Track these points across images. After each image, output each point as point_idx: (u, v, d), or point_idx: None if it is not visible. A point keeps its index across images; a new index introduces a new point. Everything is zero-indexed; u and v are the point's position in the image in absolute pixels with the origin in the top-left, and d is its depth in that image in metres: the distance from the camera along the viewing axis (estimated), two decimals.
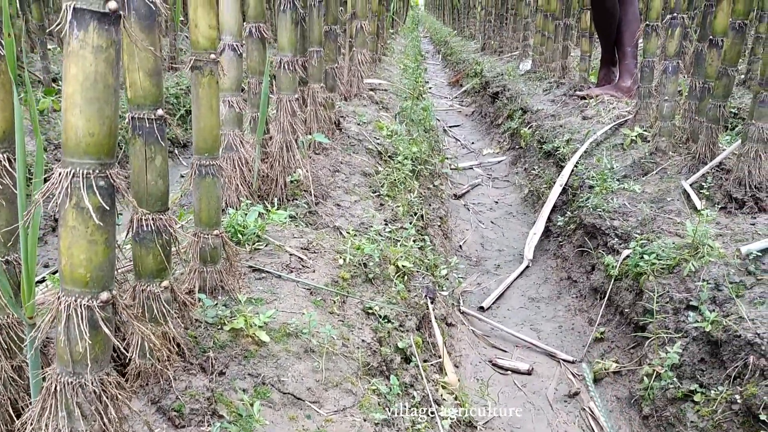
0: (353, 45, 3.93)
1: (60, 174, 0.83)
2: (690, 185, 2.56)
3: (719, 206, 2.41)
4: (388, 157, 3.10)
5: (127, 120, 1.13)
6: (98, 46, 0.81)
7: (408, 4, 13.02)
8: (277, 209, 2.10)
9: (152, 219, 1.15)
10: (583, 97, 4.27)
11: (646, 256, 2.11)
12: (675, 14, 2.86)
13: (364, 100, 3.93)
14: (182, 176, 3.76)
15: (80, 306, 0.85)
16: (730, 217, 2.34)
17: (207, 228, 1.47)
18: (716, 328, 1.74)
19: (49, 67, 4.43)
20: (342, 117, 3.37)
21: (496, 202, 3.75)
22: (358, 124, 3.40)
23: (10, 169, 1.01)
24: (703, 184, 2.51)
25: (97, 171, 0.84)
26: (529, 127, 4.31)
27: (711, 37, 2.73)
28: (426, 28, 17.02)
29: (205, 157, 1.45)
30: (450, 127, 5.76)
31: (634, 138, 3.07)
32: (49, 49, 5.00)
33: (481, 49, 8.63)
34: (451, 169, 4.27)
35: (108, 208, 0.85)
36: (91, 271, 0.86)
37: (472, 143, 5.22)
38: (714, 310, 1.81)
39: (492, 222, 3.44)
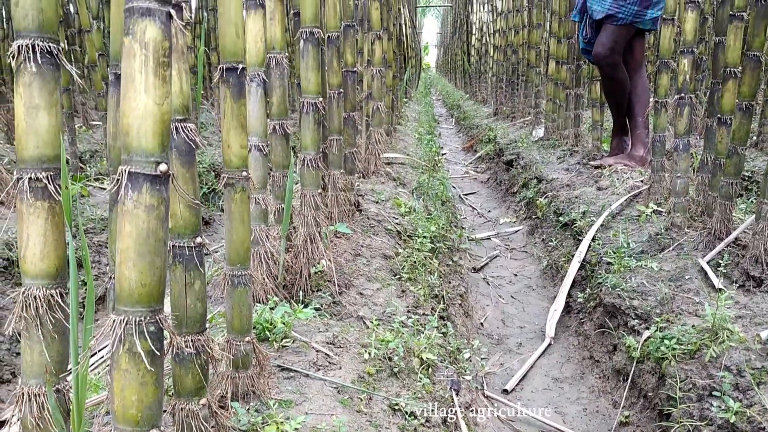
0: (370, 124, 4.06)
1: (114, 321, 0.90)
2: (707, 262, 2.59)
3: (737, 284, 2.44)
4: (407, 236, 3.17)
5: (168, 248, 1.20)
6: (150, 205, 0.89)
7: (420, 70, 13.34)
8: (302, 302, 2.16)
9: (191, 341, 1.21)
10: (597, 167, 4.35)
11: (666, 341, 2.13)
12: (683, 94, 2.94)
13: (382, 177, 4.03)
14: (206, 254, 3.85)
15: None
16: (748, 295, 2.37)
17: (239, 335, 1.53)
18: (740, 419, 1.75)
19: (77, 151, 4.59)
20: (361, 196, 3.46)
21: (515, 275, 3.79)
22: (377, 203, 3.49)
23: (63, 305, 1.08)
24: (720, 261, 2.54)
25: (148, 317, 0.91)
26: (545, 197, 4.38)
27: (719, 115, 2.81)
28: (438, 90, 17.37)
29: (237, 268, 1.52)
30: (466, 194, 5.85)
31: (649, 214, 3.12)
32: (76, 127, 5.20)
33: (493, 114, 8.80)
34: (469, 240, 4.32)
35: (158, 353, 0.91)
36: (142, 411, 0.91)
37: (489, 211, 5.29)
38: (738, 398, 1.83)
39: (512, 296, 3.47)
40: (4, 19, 6.47)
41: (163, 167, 0.90)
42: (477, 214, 5.23)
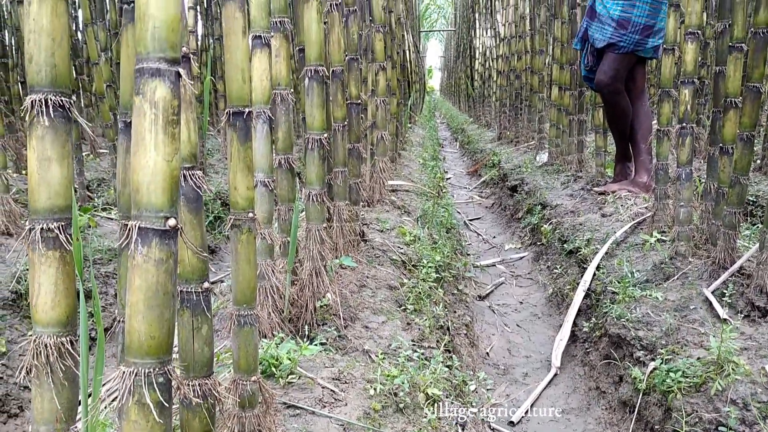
0: (374, 153, 4.10)
1: (124, 373, 0.92)
2: (712, 292, 2.59)
3: (742, 315, 2.44)
4: (412, 266, 3.18)
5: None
6: (159, 259, 0.92)
7: (424, 94, 13.45)
8: (308, 336, 2.18)
9: (198, 385, 1.23)
10: (601, 193, 4.37)
11: (672, 374, 2.13)
12: (685, 124, 2.96)
13: (387, 206, 4.06)
14: (211, 283, 3.87)
15: None
16: (754, 326, 2.37)
17: (245, 374, 1.55)
18: None
19: (84, 180, 4.63)
20: (366, 225, 3.49)
21: (521, 303, 3.79)
22: (381, 231, 3.51)
23: (73, 352, 1.10)
24: (724, 291, 2.54)
25: (157, 369, 0.93)
26: (549, 224, 4.39)
27: (721, 144, 2.82)
28: (442, 114, 17.47)
29: (243, 308, 1.54)
30: (471, 220, 5.87)
31: (653, 243, 3.13)
32: (83, 155, 5.26)
33: (497, 139, 8.84)
34: (474, 266, 4.34)
35: (166, 404, 0.93)
36: None
37: (494, 237, 5.31)
38: None
39: (518, 325, 3.48)
40: (13, 48, 6.58)
41: (171, 222, 0.92)
42: (482, 240, 5.24)
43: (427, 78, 18.73)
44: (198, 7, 7.22)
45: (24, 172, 5.19)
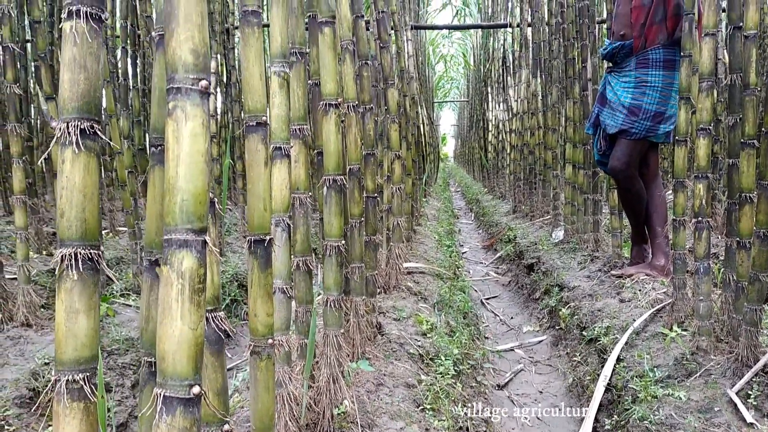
0: (390, 238, 4.13)
1: None
2: (736, 393, 2.54)
3: None
4: (430, 359, 3.16)
5: None
6: (184, 427, 0.93)
7: (438, 164, 13.59)
8: None
9: None
10: (619, 276, 4.34)
11: None
12: (700, 218, 2.97)
13: (403, 292, 4.06)
14: (228, 369, 3.85)
15: None
16: None
17: None
18: None
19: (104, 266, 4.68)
20: (382, 314, 3.48)
21: (540, 392, 3.73)
22: (398, 321, 3.50)
23: None
24: (749, 392, 2.50)
25: None
26: (568, 307, 4.36)
27: (738, 239, 2.81)
28: (456, 182, 17.61)
29: None
30: (487, 299, 5.84)
31: (673, 337, 3.09)
32: (103, 233, 5.35)
33: (512, 211, 8.87)
34: (492, 351, 4.29)
35: None
36: None
37: (511, 318, 5.26)
38: None
39: (538, 418, 3.41)
40: (38, 127, 6.83)
41: (196, 390, 0.93)
42: (499, 321, 5.20)
43: (441, 146, 18.97)
44: (218, 88, 7.46)
45: (44, 252, 5.28)
